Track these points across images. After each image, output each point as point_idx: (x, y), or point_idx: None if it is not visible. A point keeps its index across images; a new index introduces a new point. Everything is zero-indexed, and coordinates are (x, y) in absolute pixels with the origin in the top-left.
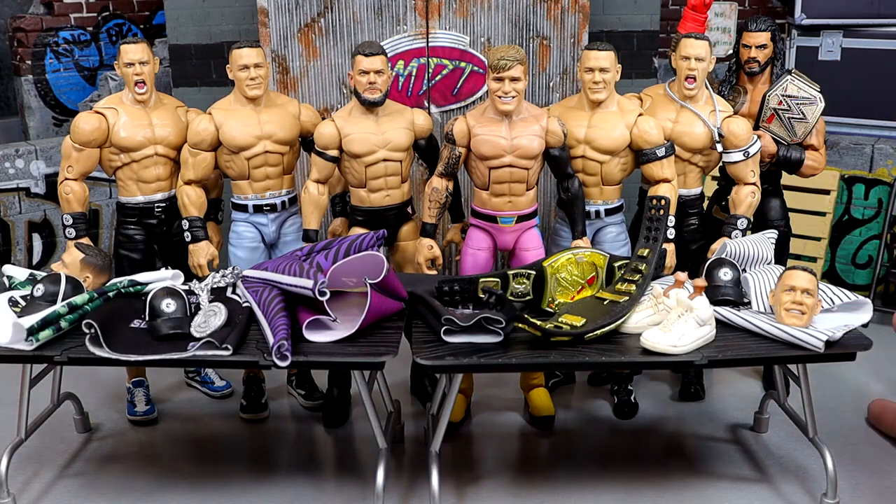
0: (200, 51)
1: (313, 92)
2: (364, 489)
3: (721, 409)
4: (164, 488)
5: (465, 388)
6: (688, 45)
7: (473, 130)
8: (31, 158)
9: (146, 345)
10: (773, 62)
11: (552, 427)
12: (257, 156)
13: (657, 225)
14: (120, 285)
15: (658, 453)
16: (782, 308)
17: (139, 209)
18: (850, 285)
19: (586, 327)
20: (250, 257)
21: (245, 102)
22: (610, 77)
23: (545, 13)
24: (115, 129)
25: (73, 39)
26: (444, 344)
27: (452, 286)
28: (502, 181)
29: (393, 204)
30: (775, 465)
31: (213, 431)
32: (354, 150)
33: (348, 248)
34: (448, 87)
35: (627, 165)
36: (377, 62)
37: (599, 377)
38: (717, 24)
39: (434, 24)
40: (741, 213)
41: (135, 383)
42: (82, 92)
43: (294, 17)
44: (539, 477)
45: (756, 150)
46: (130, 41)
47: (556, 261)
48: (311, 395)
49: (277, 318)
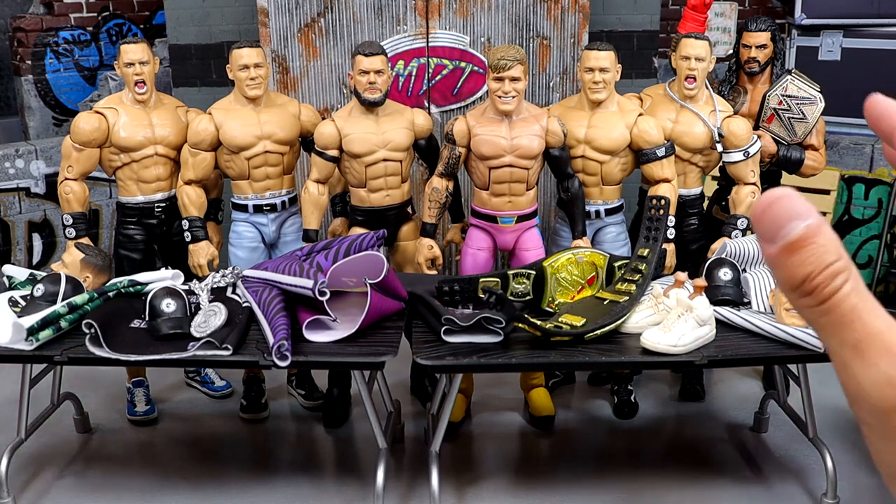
0: (200, 51)
1: (313, 92)
2: (364, 489)
3: (721, 409)
4: (164, 488)
5: (465, 388)
6: (688, 45)
7: (473, 130)
8: (31, 158)
9: (146, 345)
10: (773, 62)
11: (552, 427)
12: (257, 156)
13: (657, 225)
14: (120, 285)
15: (658, 453)
16: (782, 308)
17: (139, 209)
18: None
19: (586, 327)
20: (250, 257)
21: (245, 102)
22: (610, 77)
23: (545, 13)
24: (115, 129)
25: (73, 39)
26: (444, 344)
27: (452, 286)
28: (502, 181)
29: (393, 204)
30: (775, 465)
31: (213, 431)
32: (354, 150)
33: (348, 248)
34: (448, 87)
35: (627, 165)
36: (377, 62)
37: (599, 377)
38: (717, 24)
39: (434, 24)
40: (741, 213)
41: (135, 383)
42: (82, 92)
43: (294, 17)
44: (539, 477)
45: (756, 150)
46: (130, 41)
47: (556, 261)
48: (311, 395)
49: (277, 318)
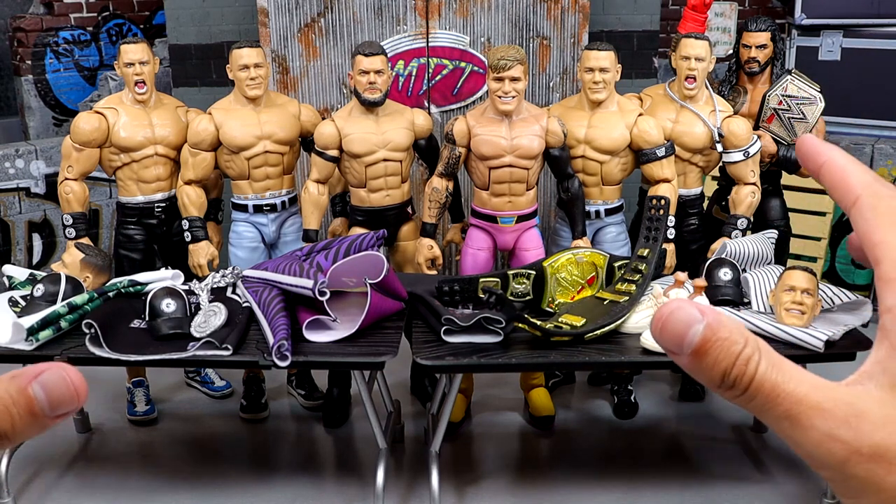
0: (200, 51)
1: (313, 92)
2: (364, 489)
3: (721, 409)
4: (164, 488)
5: (465, 388)
6: (688, 45)
7: (473, 130)
8: (31, 158)
9: (146, 345)
10: (773, 62)
11: (552, 427)
12: (257, 156)
13: (657, 225)
14: (120, 285)
15: (658, 453)
16: (782, 308)
17: (139, 209)
18: (850, 285)
19: (586, 327)
20: (250, 257)
21: (245, 102)
22: (610, 77)
23: (545, 13)
24: (115, 129)
25: (73, 39)
26: (444, 344)
27: (452, 286)
28: (502, 181)
29: (393, 204)
30: (776, 464)
31: (213, 431)
32: (354, 150)
33: (348, 248)
34: (448, 87)
35: (627, 165)
36: (377, 62)
37: (599, 377)
38: (717, 24)
39: (434, 24)
40: (741, 213)
41: (135, 383)
42: (82, 92)
43: (294, 17)
44: (539, 477)
45: (756, 150)
46: (130, 41)
47: (556, 261)
48: (311, 395)
49: (277, 318)
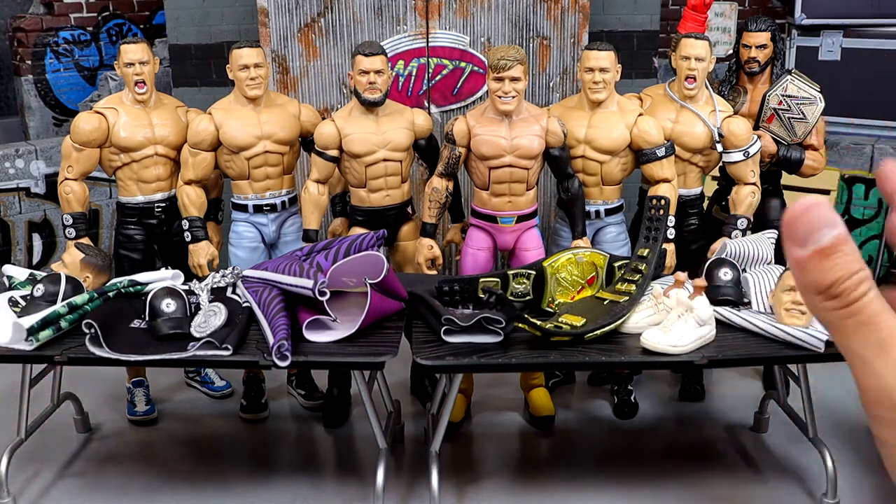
0: (200, 51)
1: (313, 92)
2: (364, 489)
3: (721, 409)
4: (164, 488)
5: (465, 388)
6: (688, 45)
7: (473, 130)
8: (31, 158)
9: (146, 345)
10: (773, 62)
11: (552, 427)
12: (257, 156)
13: (657, 225)
14: (120, 285)
15: (658, 453)
16: (782, 308)
17: (139, 209)
18: None
19: (586, 327)
20: (250, 257)
21: (245, 102)
22: (610, 77)
23: (545, 13)
24: (115, 129)
25: (73, 39)
26: (444, 344)
27: (452, 286)
28: (502, 181)
29: (393, 204)
30: (775, 465)
31: (213, 431)
32: (354, 150)
33: (348, 248)
34: (448, 87)
35: (627, 165)
36: (377, 62)
37: (599, 377)
38: (717, 24)
39: (434, 24)
40: (741, 213)
41: (135, 383)
42: (82, 92)
43: (294, 17)
44: (539, 477)
45: (756, 150)
46: (130, 41)
47: (556, 261)
48: (311, 395)
49: (277, 318)
